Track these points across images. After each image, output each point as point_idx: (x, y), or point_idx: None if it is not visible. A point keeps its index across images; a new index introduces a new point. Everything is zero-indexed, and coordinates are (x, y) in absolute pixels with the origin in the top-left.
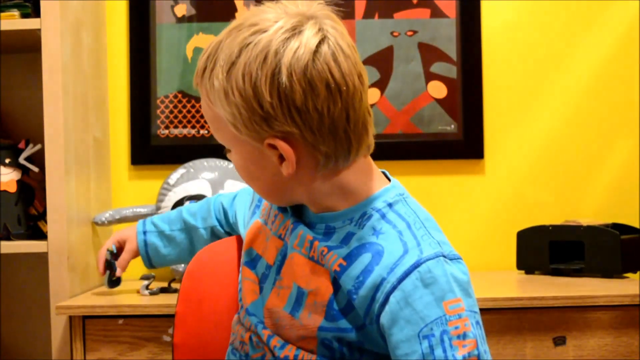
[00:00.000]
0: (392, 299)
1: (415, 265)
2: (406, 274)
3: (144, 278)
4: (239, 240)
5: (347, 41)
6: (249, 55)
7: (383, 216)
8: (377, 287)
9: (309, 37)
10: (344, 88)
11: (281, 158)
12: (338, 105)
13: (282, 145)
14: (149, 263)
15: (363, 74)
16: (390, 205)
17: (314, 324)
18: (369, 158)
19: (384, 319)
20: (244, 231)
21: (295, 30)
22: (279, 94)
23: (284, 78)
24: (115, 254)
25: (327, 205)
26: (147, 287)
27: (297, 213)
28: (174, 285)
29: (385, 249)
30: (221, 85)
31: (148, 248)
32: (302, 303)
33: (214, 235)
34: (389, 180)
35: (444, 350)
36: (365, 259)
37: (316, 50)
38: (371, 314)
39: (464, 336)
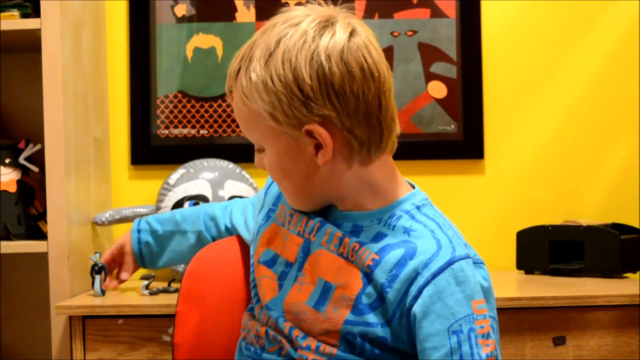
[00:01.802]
0: (425, 292)
1: (449, 263)
2: (440, 270)
3: (144, 278)
4: (240, 240)
5: (374, 37)
6: (287, 43)
7: (412, 217)
8: (411, 281)
9: (341, 28)
10: (376, 74)
11: (317, 148)
12: (372, 90)
13: (320, 131)
14: (141, 261)
15: (389, 68)
16: (418, 207)
17: (339, 318)
18: (393, 162)
19: (416, 311)
20: (252, 234)
21: (328, 22)
22: (319, 76)
23: (323, 61)
24: (100, 266)
25: (356, 202)
26: (147, 287)
27: (321, 215)
28: (174, 285)
29: (419, 245)
30: (259, 77)
31: (142, 246)
32: (328, 297)
33: (199, 241)
34: (412, 187)
35: (471, 347)
36: (398, 253)
37: (349, 39)
38: (402, 307)
39: (487, 336)
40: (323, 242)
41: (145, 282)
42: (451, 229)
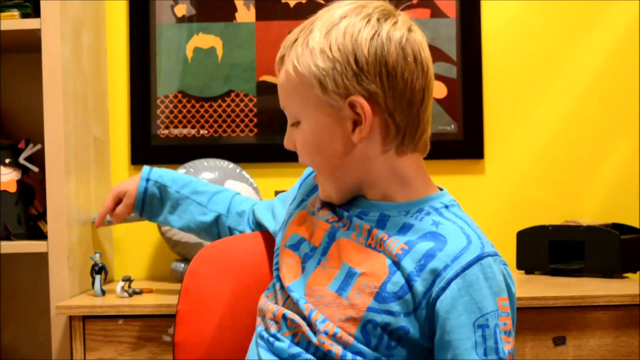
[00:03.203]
0: (453, 285)
1: (479, 258)
2: (470, 264)
3: (124, 280)
4: (242, 240)
5: (426, 41)
6: (351, 19)
7: (441, 215)
8: (439, 273)
9: (403, 21)
10: (426, 70)
11: (355, 125)
12: (419, 82)
13: (363, 103)
14: (140, 211)
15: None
16: (446, 207)
17: (363, 304)
18: (424, 164)
19: (442, 303)
20: (279, 224)
21: (390, 14)
22: (376, 52)
23: (383, 40)
24: (100, 266)
25: (385, 192)
26: (123, 288)
27: (349, 202)
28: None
29: (448, 238)
30: (317, 44)
31: (146, 196)
32: (350, 283)
33: (215, 224)
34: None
35: (495, 342)
36: (426, 245)
37: (409, 32)
38: (429, 297)
39: (509, 333)
40: (352, 236)
41: (121, 284)
42: (479, 229)
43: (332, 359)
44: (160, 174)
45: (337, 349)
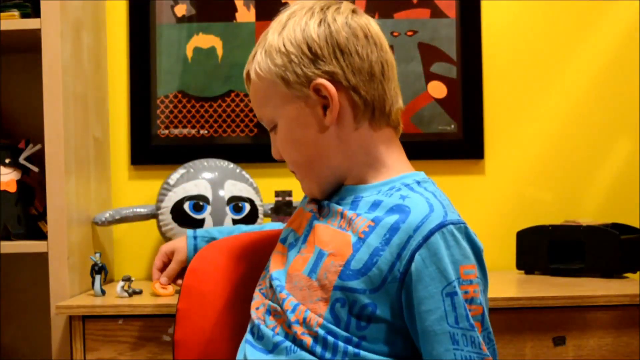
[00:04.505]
0: (417, 257)
1: (441, 226)
2: (431, 233)
3: (124, 279)
4: (243, 238)
5: (376, 24)
6: (297, 17)
7: (411, 189)
8: (403, 245)
9: (345, 6)
10: (379, 43)
11: (325, 109)
12: (374, 54)
13: (327, 84)
14: None
15: (390, 49)
16: (418, 182)
17: (329, 284)
18: (400, 143)
19: (409, 276)
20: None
21: (331, 3)
22: (326, 36)
23: (329, 23)
24: (100, 266)
25: (360, 176)
26: (123, 288)
27: (328, 197)
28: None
29: (412, 209)
30: (272, 45)
31: (197, 252)
32: (320, 264)
33: None
34: None
35: (465, 309)
36: (391, 218)
37: (352, 15)
38: (395, 271)
39: (472, 301)
40: (328, 221)
41: (121, 284)
42: (447, 200)
43: (304, 348)
44: (205, 229)
45: (307, 339)
